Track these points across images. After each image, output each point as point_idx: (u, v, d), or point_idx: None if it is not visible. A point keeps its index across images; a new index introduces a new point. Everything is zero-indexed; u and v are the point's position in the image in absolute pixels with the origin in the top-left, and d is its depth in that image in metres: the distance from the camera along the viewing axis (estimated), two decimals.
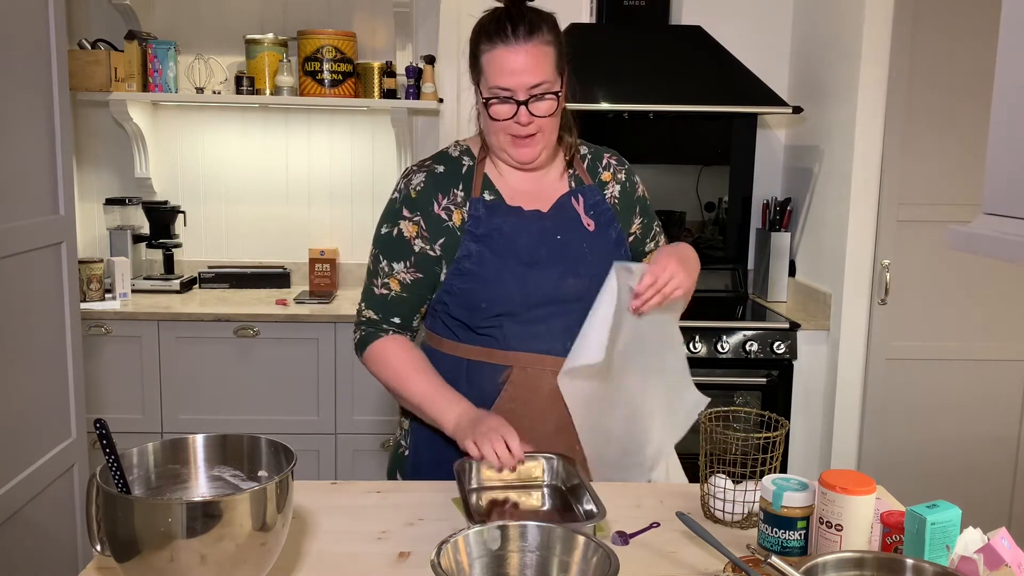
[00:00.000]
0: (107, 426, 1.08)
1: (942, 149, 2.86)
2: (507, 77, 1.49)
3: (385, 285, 1.62)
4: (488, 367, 1.58)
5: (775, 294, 3.32)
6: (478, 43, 1.54)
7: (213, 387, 2.98)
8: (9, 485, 1.85)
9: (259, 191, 3.47)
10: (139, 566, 1.01)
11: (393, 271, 1.61)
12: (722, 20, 3.35)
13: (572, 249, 1.59)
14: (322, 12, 3.36)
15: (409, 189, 1.62)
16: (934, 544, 1.15)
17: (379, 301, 1.64)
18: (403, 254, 1.61)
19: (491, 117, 1.53)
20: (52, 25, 2.00)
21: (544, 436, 1.56)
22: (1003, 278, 2.92)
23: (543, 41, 1.51)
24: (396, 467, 1.72)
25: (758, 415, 1.47)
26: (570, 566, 1.04)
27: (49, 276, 2.03)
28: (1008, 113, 0.94)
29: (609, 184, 1.69)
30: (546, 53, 1.52)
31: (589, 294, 1.56)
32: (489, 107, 1.53)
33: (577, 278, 1.58)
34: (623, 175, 1.71)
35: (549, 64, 1.52)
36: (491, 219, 1.58)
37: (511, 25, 1.49)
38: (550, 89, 1.52)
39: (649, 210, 1.76)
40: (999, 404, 2.97)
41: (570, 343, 1.55)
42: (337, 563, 1.24)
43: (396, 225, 1.62)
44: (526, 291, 1.56)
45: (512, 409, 1.56)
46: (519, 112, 1.52)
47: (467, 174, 1.63)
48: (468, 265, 1.57)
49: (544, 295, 1.57)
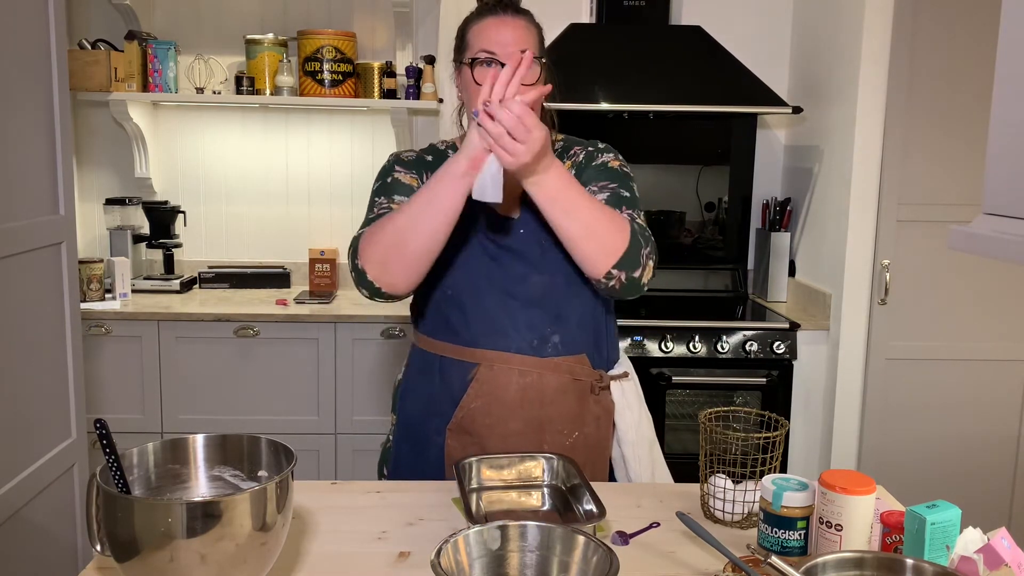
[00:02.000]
0: (107, 426, 1.08)
1: (942, 149, 2.86)
2: (493, 42, 1.55)
3: (382, 208, 1.58)
4: (458, 364, 1.60)
5: (775, 294, 3.32)
6: (466, 26, 1.61)
7: (213, 387, 2.98)
8: (9, 485, 1.85)
9: (259, 191, 3.47)
10: (139, 566, 1.01)
11: (394, 200, 1.59)
12: (722, 20, 3.35)
13: (533, 246, 1.60)
14: (322, 12, 3.36)
15: (400, 156, 1.67)
16: (934, 544, 1.15)
17: (375, 219, 1.56)
18: (404, 192, 1.61)
19: (475, 81, 1.55)
20: (52, 25, 1.99)
21: (510, 434, 1.57)
22: (1003, 278, 2.92)
23: (530, 22, 1.60)
24: (383, 462, 1.75)
25: (758, 415, 1.47)
26: (570, 566, 1.04)
27: (49, 276, 2.03)
28: (1008, 113, 0.94)
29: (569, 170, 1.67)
30: (531, 31, 1.59)
31: (553, 290, 1.58)
32: (473, 70, 1.55)
33: (540, 274, 1.59)
34: (583, 156, 1.68)
35: (533, 41, 1.58)
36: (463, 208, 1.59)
37: (500, 5, 1.58)
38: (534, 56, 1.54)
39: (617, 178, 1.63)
40: (999, 404, 2.97)
41: (536, 341, 1.57)
42: (337, 563, 1.24)
43: (392, 175, 1.64)
44: (489, 281, 1.57)
45: (478, 406, 1.58)
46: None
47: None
48: None
49: (507, 288, 1.58)
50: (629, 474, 1.67)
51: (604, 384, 1.64)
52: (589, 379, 1.63)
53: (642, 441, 1.69)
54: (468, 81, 1.57)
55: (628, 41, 3.17)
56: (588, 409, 1.63)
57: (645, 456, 1.69)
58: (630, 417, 1.68)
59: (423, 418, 1.64)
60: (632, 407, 1.69)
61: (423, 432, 1.64)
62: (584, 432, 1.63)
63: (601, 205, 1.50)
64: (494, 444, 1.57)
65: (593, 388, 1.63)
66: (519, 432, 1.58)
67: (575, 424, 1.61)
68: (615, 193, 1.61)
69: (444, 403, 1.61)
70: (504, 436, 1.57)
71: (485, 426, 1.57)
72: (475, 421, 1.58)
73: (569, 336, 1.60)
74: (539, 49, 1.60)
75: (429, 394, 1.63)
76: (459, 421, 1.59)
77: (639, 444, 1.68)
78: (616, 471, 1.70)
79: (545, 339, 1.59)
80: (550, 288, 1.58)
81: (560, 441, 1.60)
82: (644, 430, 1.70)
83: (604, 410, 1.65)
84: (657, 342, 2.92)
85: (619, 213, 1.54)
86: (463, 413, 1.58)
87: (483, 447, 1.58)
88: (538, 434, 1.59)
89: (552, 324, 1.59)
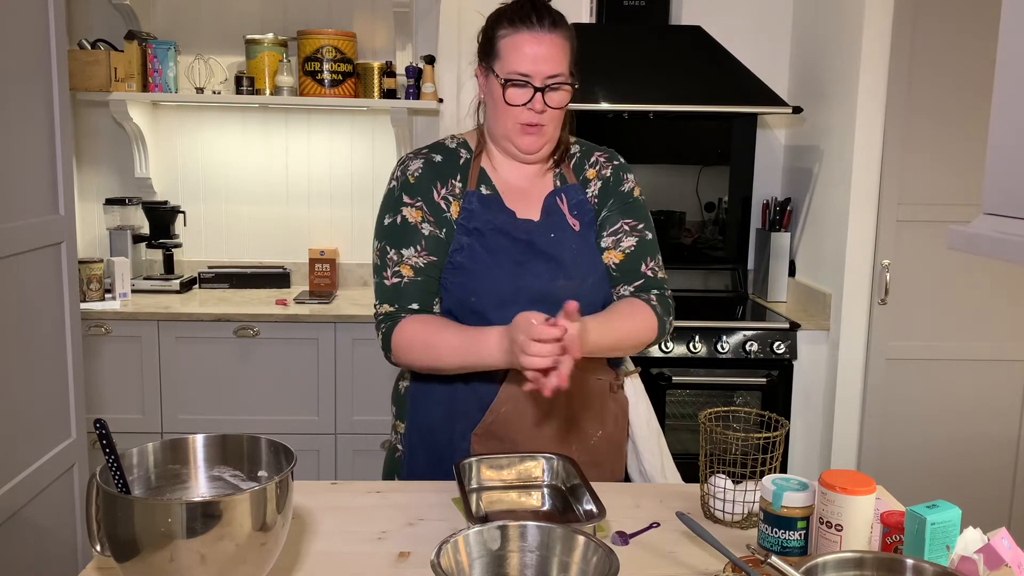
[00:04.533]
0: (107, 426, 1.08)
1: (942, 149, 2.86)
2: (528, 63, 1.50)
3: (396, 274, 1.57)
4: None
5: (775, 294, 3.32)
6: (496, 27, 1.54)
7: (213, 387, 2.98)
8: (9, 485, 1.85)
9: (259, 191, 3.47)
10: (139, 566, 1.01)
11: (403, 258, 1.57)
12: (722, 20, 3.35)
13: (563, 249, 1.59)
14: (322, 12, 3.36)
15: (407, 176, 1.60)
16: (934, 544, 1.15)
17: (392, 292, 1.57)
18: (412, 239, 1.57)
19: (506, 101, 1.53)
20: (52, 25, 1.99)
21: (540, 436, 1.56)
22: (1003, 278, 2.91)
23: (564, 36, 1.54)
24: (392, 470, 1.71)
25: (758, 415, 1.47)
26: (570, 566, 1.04)
27: (49, 276, 2.03)
28: (1008, 113, 0.94)
29: (592, 181, 1.67)
30: (565, 48, 1.54)
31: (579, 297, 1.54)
32: (505, 90, 1.52)
33: (568, 279, 1.57)
34: (609, 171, 1.68)
35: (567, 59, 1.54)
36: (483, 214, 1.58)
37: (536, 15, 1.51)
38: (565, 81, 1.53)
39: (642, 216, 1.67)
40: (999, 404, 2.97)
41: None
42: (337, 563, 1.24)
43: (399, 213, 1.59)
44: (517, 287, 1.55)
45: (508, 411, 1.56)
46: (534, 99, 1.52)
47: (464, 166, 1.62)
48: (459, 259, 1.56)
49: (535, 292, 1.55)
50: (642, 466, 1.69)
51: (620, 382, 1.67)
52: (607, 378, 1.64)
53: (652, 435, 1.71)
54: (498, 97, 1.54)
55: (628, 41, 3.17)
56: (608, 408, 1.64)
57: (655, 448, 1.71)
58: (644, 411, 1.71)
59: (443, 424, 1.60)
60: (641, 402, 1.71)
61: (444, 438, 1.59)
62: (606, 431, 1.64)
63: (628, 316, 1.55)
64: (525, 448, 1.54)
65: (611, 387, 1.65)
66: (549, 436, 1.57)
67: (599, 423, 1.63)
68: (642, 238, 1.64)
69: (470, 406, 1.57)
70: (534, 439, 1.54)
71: (516, 430, 1.54)
72: (508, 425, 1.55)
73: None
74: (572, 64, 1.56)
75: (451, 397, 1.59)
76: (488, 426, 1.56)
77: (650, 438, 1.70)
78: (629, 466, 1.71)
79: None
80: (577, 294, 1.53)
81: (586, 441, 1.61)
82: (653, 424, 1.73)
83: (620, 408, 1.67)
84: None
85: (644, 307, 1.57)
86: (492, 417, 1.56)
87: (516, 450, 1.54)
88: (568, 434, 1.58)
89: None
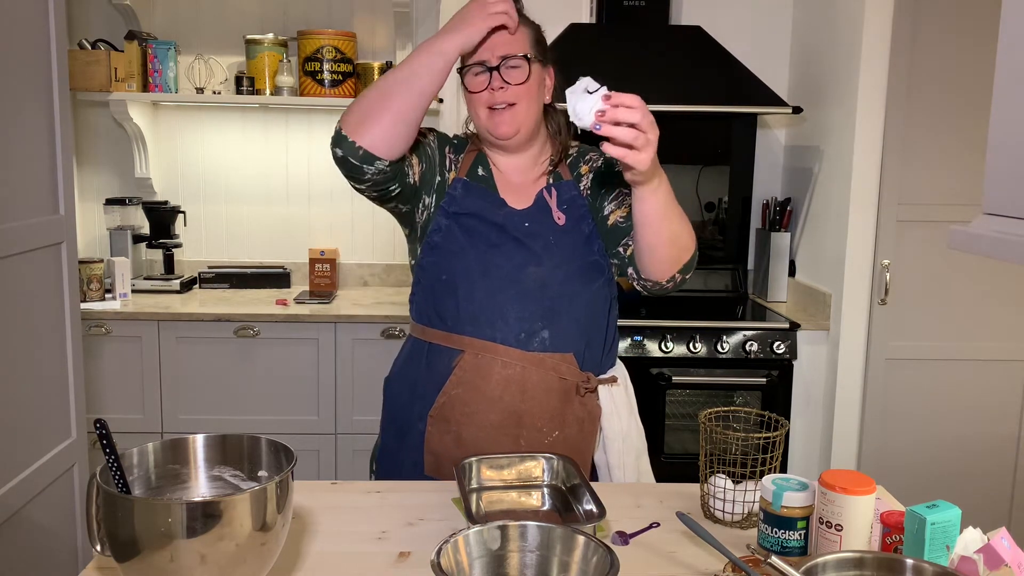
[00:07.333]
0: (107, 426, 1.08)
1: (942, 149, 2.86)
2: (484, 50, 1.56)
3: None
4: (444, 350, 1.60)
5: (775, 294, 3.32)
6: None
7: (213, 387, 2.98)
8: (9, 485, 1.85)
9: (259, 191, 3.47)
10: (139, 566, 1.01)
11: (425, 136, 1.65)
12: (722, 20, 3.35)
13: (536, 238, 1.60)
14: (322, 12, 3.36)
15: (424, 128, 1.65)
16: (934, 544, 1.15)
17: None
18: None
19: (468, 90, 1.60)
20: (52, 25, 1.99)
21: (488, 425, 1.57)
22: (1003, 278, 2.92)
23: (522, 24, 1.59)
24: (372, 459, 1.76)
25: (758, 415, 1.47)
26: (570, 566, 1.04)
27: (49, 276, 2.03)
28: (1008, 113, 0.94)
29: (585, 176, 1.69)
30: (523, 33, 1.59)
31: (548, 287, 1.57)
32: (464, 77, 1.59)
33: (538, 267, 1.59)
34: (601, 162, 1.69)
35: (526, 44, 1.59)
36: (465, 199, 1.62)
37: None
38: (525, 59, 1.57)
39: None
40: (999, 404, 2.97)
41: (523, 334, 1.57)
42: (337, 563, 1.24)
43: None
44: (485, 268, 1.58)
45: (459, 394, 1.57)
46: (492, 78, 1.57)
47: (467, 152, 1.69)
48: (437, 239, 1.61)
49: (502, 276, 1.57)
50: (612, 481, 1.66)
51: (591, 387, 1.62)
52: (575, 380, 1.60)
53: (629, 450, 1.67)
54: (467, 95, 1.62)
55: (628, 41, 3.17)
56: (571, 410, 1.61)
57: (631, 465, 1.67)
58: (618, 424, 1.66)
59: (407, 404, 1.65)
60: (621, 415, 1.67)
61: (407, 418, 1.65)
62: (565, 433, 1.60)
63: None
64: (471, 434, 1.57)
65: (578, 389, 1.61)
66: (496, 424, 1.57)
67: (555, 423, 1.60)
68: None
69: (428, 388, 1.61)
70: (481, 427, 1.57)
71: (464, 415, 1.57)
72: (455, 409, 1.58)
73: (559, 333, 1.58)
74: (535, 50, 1.60)
75: (415, 379, 1.64)
76: (440, 407, 1.59)
77: (626, 453, 1.66)
78: (600, 476, 1.69)
79: (533, 333, 1.57)
80: (546, 283, 1.58)
81: (539, 439, 1.59)
82: (633, 440, 1.69)
83: (589, 414, 1.63)
84: (657, 342, 2.92)
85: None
86: (444, 399, 1.59)
87: (460, 436, 1.58)
88: (516, 429, 1.58)
89: (542, 319, 1.57)
